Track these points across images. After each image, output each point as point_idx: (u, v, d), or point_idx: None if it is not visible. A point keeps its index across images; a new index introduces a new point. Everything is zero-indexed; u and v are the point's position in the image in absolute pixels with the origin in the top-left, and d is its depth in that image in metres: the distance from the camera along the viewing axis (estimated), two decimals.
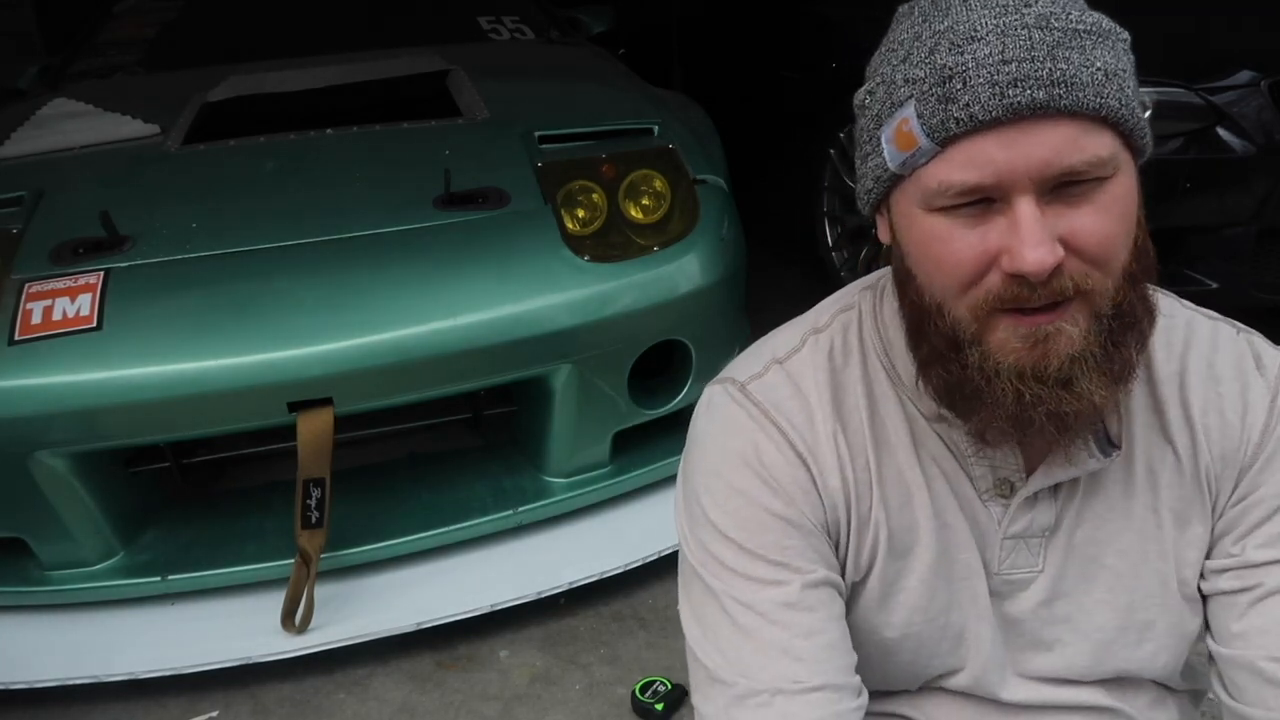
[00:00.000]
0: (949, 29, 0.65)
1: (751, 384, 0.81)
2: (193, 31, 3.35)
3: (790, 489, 0.77)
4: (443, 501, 2.00)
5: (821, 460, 0.78)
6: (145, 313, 1.78)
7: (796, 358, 0.81)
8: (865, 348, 0.80)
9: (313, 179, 2.12)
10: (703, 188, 2.11)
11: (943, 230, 0.66)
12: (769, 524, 0.77)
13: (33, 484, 1.75)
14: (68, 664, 1.79)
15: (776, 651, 0.74)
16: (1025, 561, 0.79)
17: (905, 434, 0.78)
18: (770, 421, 0.78)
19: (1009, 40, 0.62)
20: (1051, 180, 0.63)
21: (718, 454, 0.79)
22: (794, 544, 0.76)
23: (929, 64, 0.65)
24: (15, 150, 2.34)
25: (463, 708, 1.78)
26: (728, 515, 0.77)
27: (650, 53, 4.66)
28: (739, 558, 0.76)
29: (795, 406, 0.79)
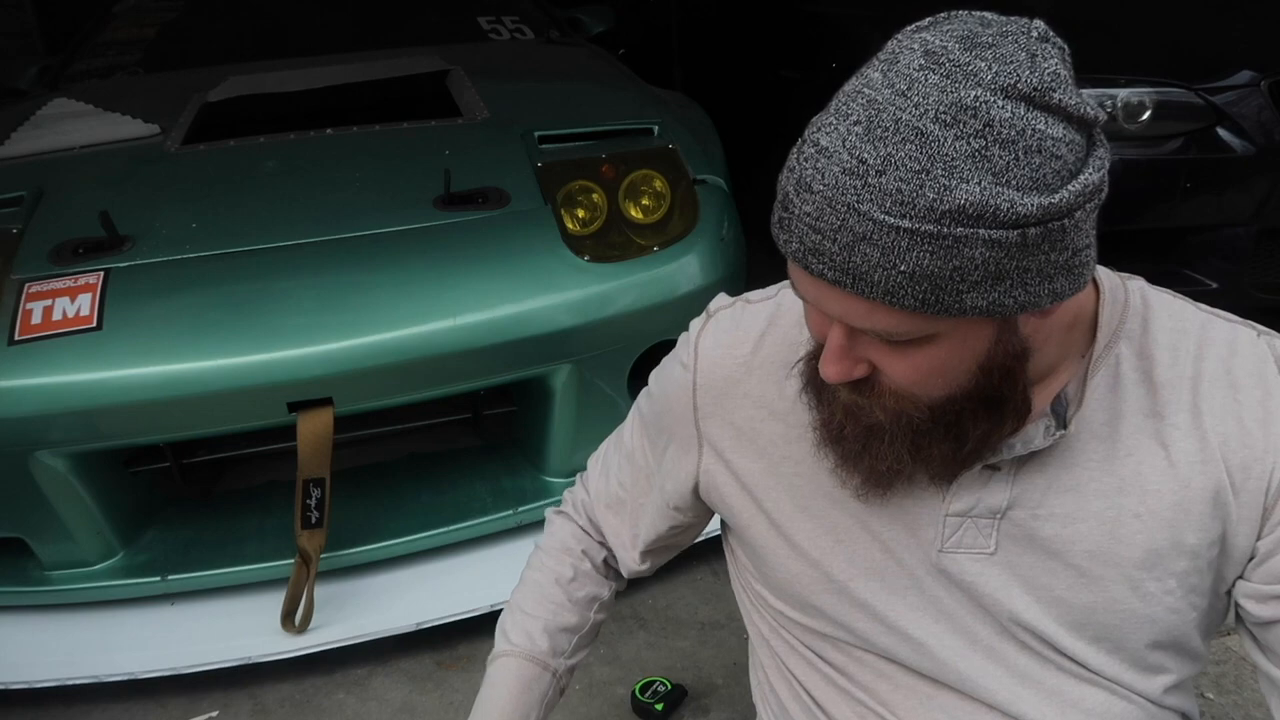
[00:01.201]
0: (813, 154, 0.64)
1: (715, 315, 0.96)
2: (193, 31, 3.35)
3: (680, 418, 0.94)
4: (443, 501, 2.00)
5: (713, 402, 0.91)
6: (145, 313, 1.78)
7: (764, 304, 0.93)
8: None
9: (312, 179, 2.12)
10: (703, 188, 2.11)
11: (811, 313, 0.74)
12: (645, 426, 1.04)
13: (33, 484, 1.75)
14: (68, 664, 1.79)
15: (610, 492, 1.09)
16: (974, 541, 0.79)
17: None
18: (695, 355, 0.93)
19: (828, 211, 0.62)
20: (867, 328, 0.67)
21: (671, 355, 0.99)
22: (653, 444, 1.02)
23: (783, 180, 0.67)
24: (15, 150, 2.34)
25: (463, 708, 1.77)
26: (644, 396, 1.05)
27: (650, 53, 4.66)
28: (632, 423, 1.07)
29: (728, 346, 0.91)
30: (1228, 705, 1.67)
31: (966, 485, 0.78)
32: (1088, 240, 0.65)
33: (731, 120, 3.11)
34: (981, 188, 0.59)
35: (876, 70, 0.65)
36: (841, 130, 0.63)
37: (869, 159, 0.61)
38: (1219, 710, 1.66)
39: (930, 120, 0.60)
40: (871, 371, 0.70)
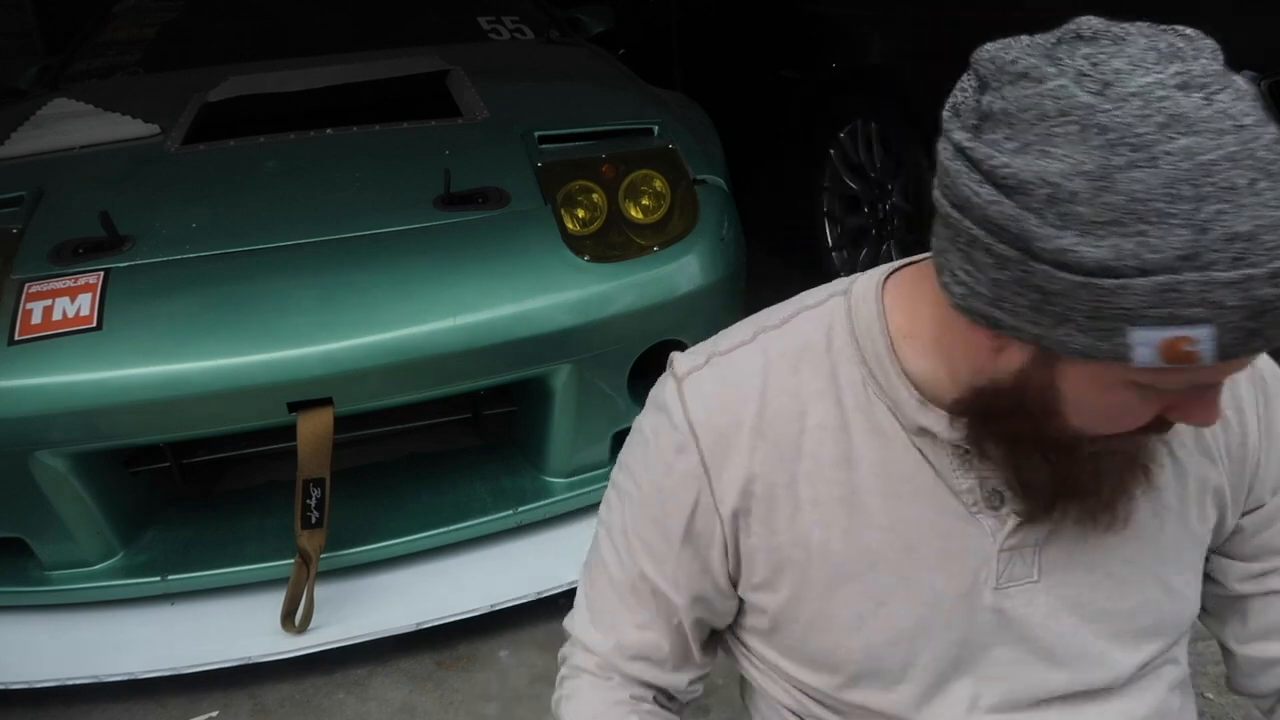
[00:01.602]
0: (1257, 240, 0.53)
1: (688, 378, 0.79)
2: (193, 31, 3.35)
3: (680, 500, 0.78)
4: (443, 501, 2.00)
5: (730, 473, 0.76)
6: (145, 313, 1.78)
7: (740, 352, 0.78)
8: (837, 356, 0.75)
9: (312, 179, 2.12)
10: (703, 188, 2.11)
11: (1134, 402, 0.62)
12: (643, 519, 0.82)
13: (33, 484, 1.75)
14: (68, 664, 1.79)
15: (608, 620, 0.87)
16: (1021, 573, 0.76)
17: (876, 449, 0.74)
18: (686, 423, 0.77)
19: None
20: None
21: (639, 429, 0.83)
22: (659, 548, 0.82)
23: (1242, 292, 0.53)
24: (15, 150, 2.34)
25: (463, 708, 1.78)
26: (619, 488, 0.85)
27: (650, 53, 4.66)
28: (619, 535, 0.85)
29: (718, 406, 0.77)
30: (1228, 705, 1.67)
31: (1016, 520, 0.75)
32: None
33: (731, 120, 3.11)
34: None
35: (1218, 133, 0.54)
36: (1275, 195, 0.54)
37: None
38: (1219, 710, 1.66)
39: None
40: None
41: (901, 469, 0.74)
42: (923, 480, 0.74)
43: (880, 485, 0.74)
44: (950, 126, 0.61)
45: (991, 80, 0.59)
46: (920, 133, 2.85)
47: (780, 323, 0.79)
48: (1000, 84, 0.59)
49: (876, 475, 0.74)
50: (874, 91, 3.14)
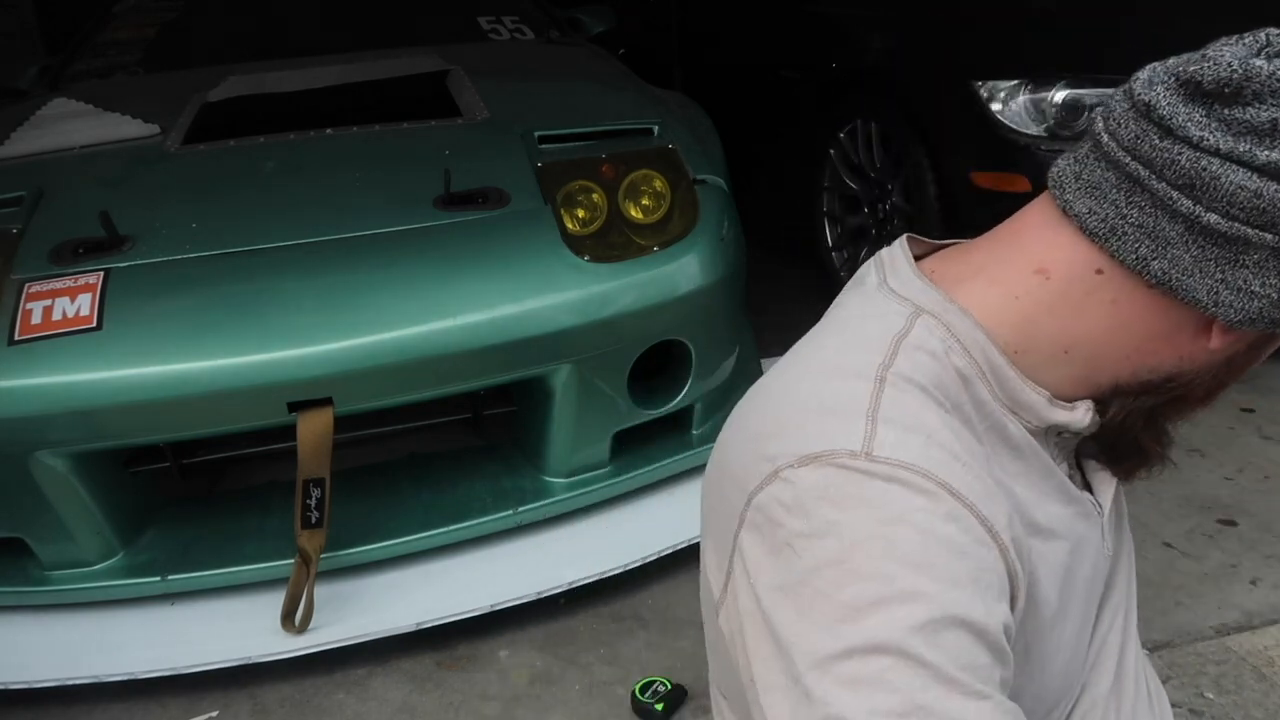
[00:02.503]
0: None
1: (876, 448, 0.59)
2: (193, 31, 3.35)
3: (989, 579, 0.58)
4: (443, 501, 2.00)
5: (998, 518, 0.61)
6: (145, 313, 1.78)
7: (888, 399, 0.63)
8: (964, 376, 0.67)
9: (312, 179, 2.12)
10: (703, 188, 2.11)
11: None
12: (958, 637, 0.55)
13: (33, 484, 1.75)
14: (68, 664, 1.79)
15: None
16: (1109, 537, 0.78)
17: (1017, 460, 0.69)
18: (939, 484, 0.59)
19: None
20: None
21: (874, 546, 0.57)
22: (985, 663, 0.56)
23: None
24: (15, 150, 2.34)
25: (463, 708, 1.78)
26: (914, 631, 0.54)
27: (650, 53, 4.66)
28: (933, 686, 0.53)
29: (947, 458, 0.61)
30: (1228, 705, 1.67)
31: (1112, 489, 0.77)
32: None
33: (731, 120, 3.11)
34: None
35: None
36: None
37: None
38: (1219, 710, 1.66)
39: None
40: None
41: (1037, 473, 0.70)
42: (1051, 477, 0.71)
43: (1034, 495, 0.69)
44: (1231, 148, 0.58)
45: (1271, 96, 0.58)
46: (920, 133, 2.85)
47: (889, 356, 0.65)
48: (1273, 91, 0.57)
49: (1027, 487, 0.69)
50: (874, 91, 3.15)
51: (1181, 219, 0.60)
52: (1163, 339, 0.65)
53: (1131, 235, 0.62)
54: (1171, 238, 0.61)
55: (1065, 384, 0.68)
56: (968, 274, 0.70)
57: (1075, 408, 0.69)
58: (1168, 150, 0.59)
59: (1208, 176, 0.58)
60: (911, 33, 3.10)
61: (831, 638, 0.55)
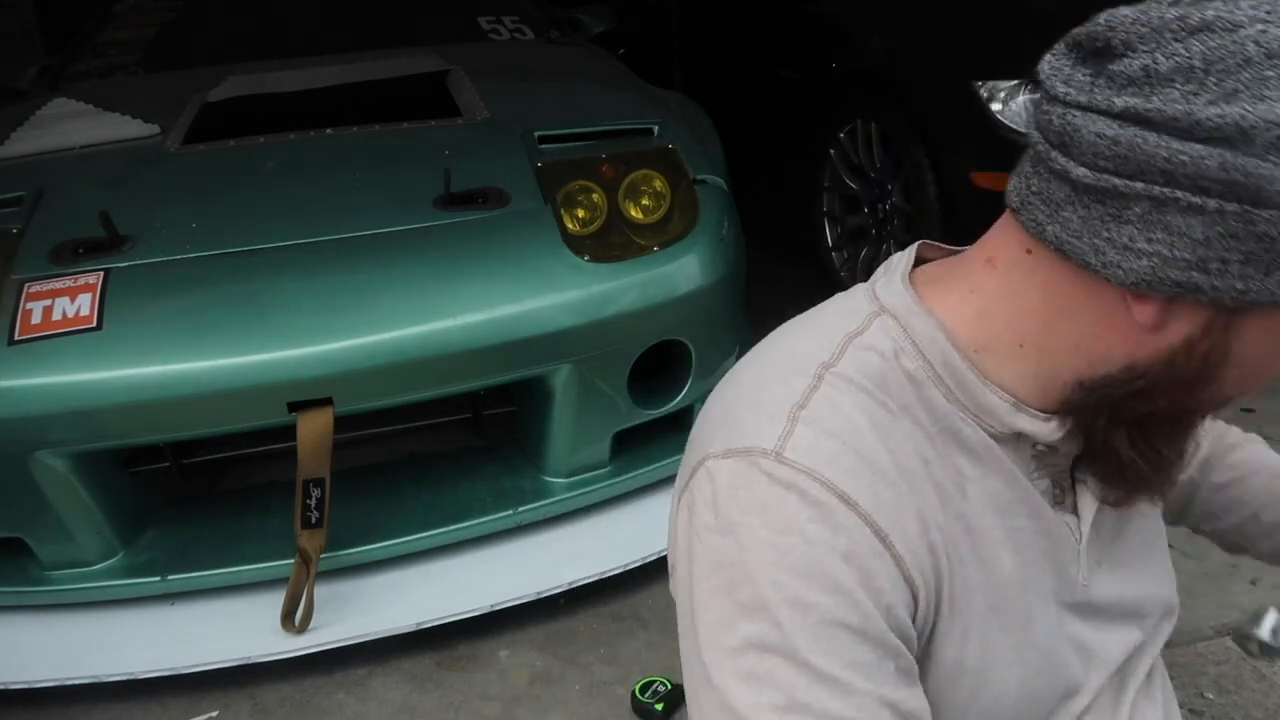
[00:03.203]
0: None
1: (787, 448, 0.63)
2: (193, 31, 3.35)
3: (877, 583, 0.62)
4: (443, 501, 2.00)
5: (903, 530, 0.63)
6: (145, 313, 1.78)
7: (820, 397, 0.65)
8: (914, 379, 0.67)
9: (312, 179, 2.12)
10: (703, 188, 2.11)
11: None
12: (845, 641, 0.61)
13: (33, 484, 1.75)
14: (68, 664, 1.79)
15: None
16: (1093, 561, 0.75)
17: (975, 467, 0.68)
18: (836, 495, 0.62)
19: None
20: None
21: (768, 554, 0.62)
22: (870, 660, 0.61)
23: None
24: (15, 150, 2.34)
25: (463, 708, 1.78)
26: (797, 632, 0.60)
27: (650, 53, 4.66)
28: (813, 688, 0.60)
29: (855, 462, 0.63)
30: (1228, 705, 1.67)
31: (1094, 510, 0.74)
32: None
33: (731, 120, 3.11)
34: None
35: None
36: None
37: None
38: (1219, 710, 1.66)
39: None
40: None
41: (998, 480, 0.69)
42: (1017, 488, 0.69)
43: (988, 503, 0.68)
44: (1089, 99, 0.57)
45: (1139, 43, 0.56)
46: (920, 133, 2.86)
47: (834, 356, 0.67)
48: (1159, 43, 0.55)
49: (982, 494, 0.68)
50: (874, 91, 3.15)
51: (1062, 178, 0.59)
52: (1104, 322, 0.62)
53: (1033, 203, 0.62)
54: (1060, 199, 0.60)
55: (1030, 384, 0.66)
56: (944, 274, 0.70)
57: (1049, 420, 0.67)
58: (1046, 111, 0.59)
59: (1071, 129, 0.58)
60: (911, 33, 3.10)
61: (728, 632, 0.62)
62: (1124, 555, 0.78)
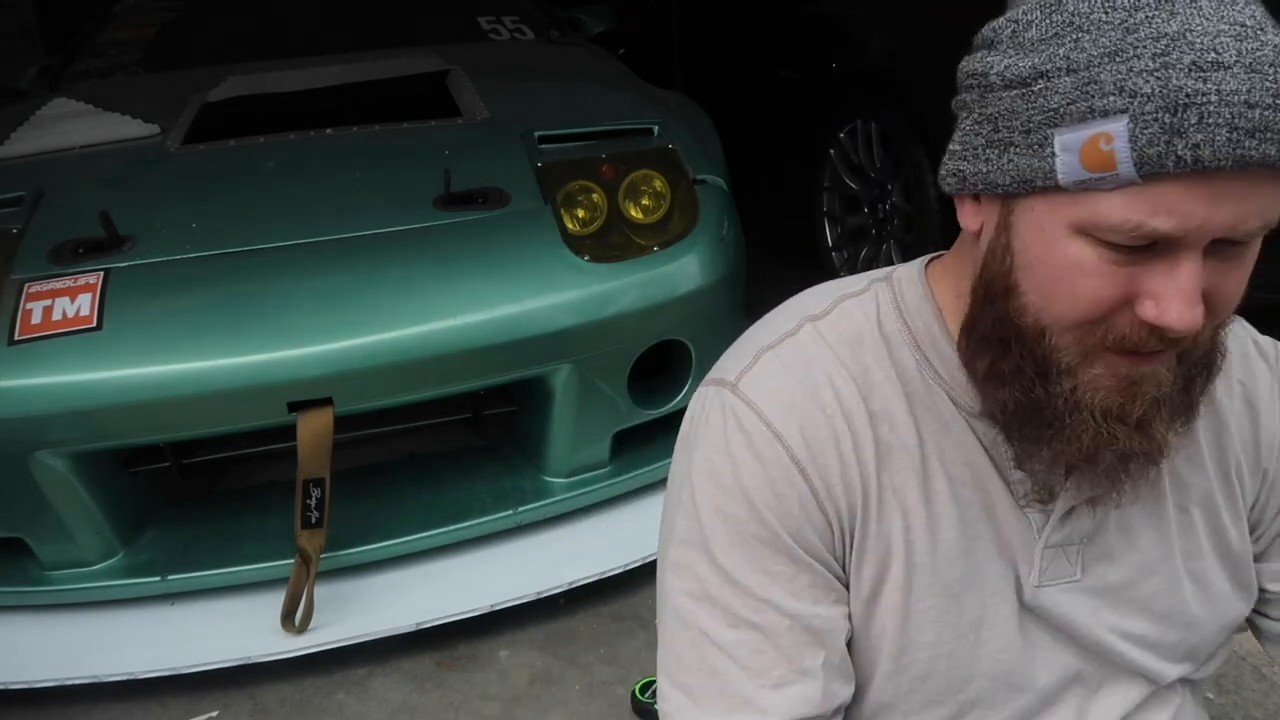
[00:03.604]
0: (1183, 38, 0.53)
1: (742, 381, 0.72)
2: (193, 31, 3.35)
3: (786, 506, 0.70)
4: (443, 501, 2.00)
5: (824, 468, 0.70)
6: (145, 313, 1.78)
7: (790, 342, 0.73)
8: (890, 343, 0.72)
9: (312, 179, 2.12)
10: (702, 188, 2.11)
11: (1089, 262, 0.58)
12: (756, 551, 0.70)
13: (33, 484, 1.75)
14: (68, 664, 1.79)
15: (738, 701, 0.70)
16: (1064, 571, 0.73)
17: (937, 434, 0.72)
18: (763, 424, 0.70)
19: (1257, 78, 0.52)
20: (1226, 239, 0.57)
21: (705, 465, 0.72)
22: (782, 570, 0.70)
23: (1160, 79, 0.53)
24: (15, 150, 2.34)
25: (463, 708, 1.78)
26: (715, 535, 0.71)
27: (650, 53, 4.66)
28: (721, 585, 0.71)
29: (792, 400, 0.71)
30: (1228, 705, 1.67)
31: (1063, 515, 0.73)
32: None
33: (731, 120, 3.11)
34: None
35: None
36: (1212, 7, 0.54)
37: (1260, 16, 0.55)
38: (1219, 710, 1.66)
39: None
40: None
41: (960, 454, 0.72)
42: (980, 466, 0.72)
43: (943, 470, 0.72)
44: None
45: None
46: (920, 133, 2.85)
47: (823, 311, 0.75)
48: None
49: (939, 460, 0.72)
50: (874, 91, 3.15)
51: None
52: (966, 250, 0.70)
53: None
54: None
55: None
56: (954, 261, 0.74)
57: None
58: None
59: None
60: (911, 33, 3.10)
61: (670, 528, 0.75)
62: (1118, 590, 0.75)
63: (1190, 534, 0.76)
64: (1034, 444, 0.66)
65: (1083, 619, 0.75)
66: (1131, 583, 0.75)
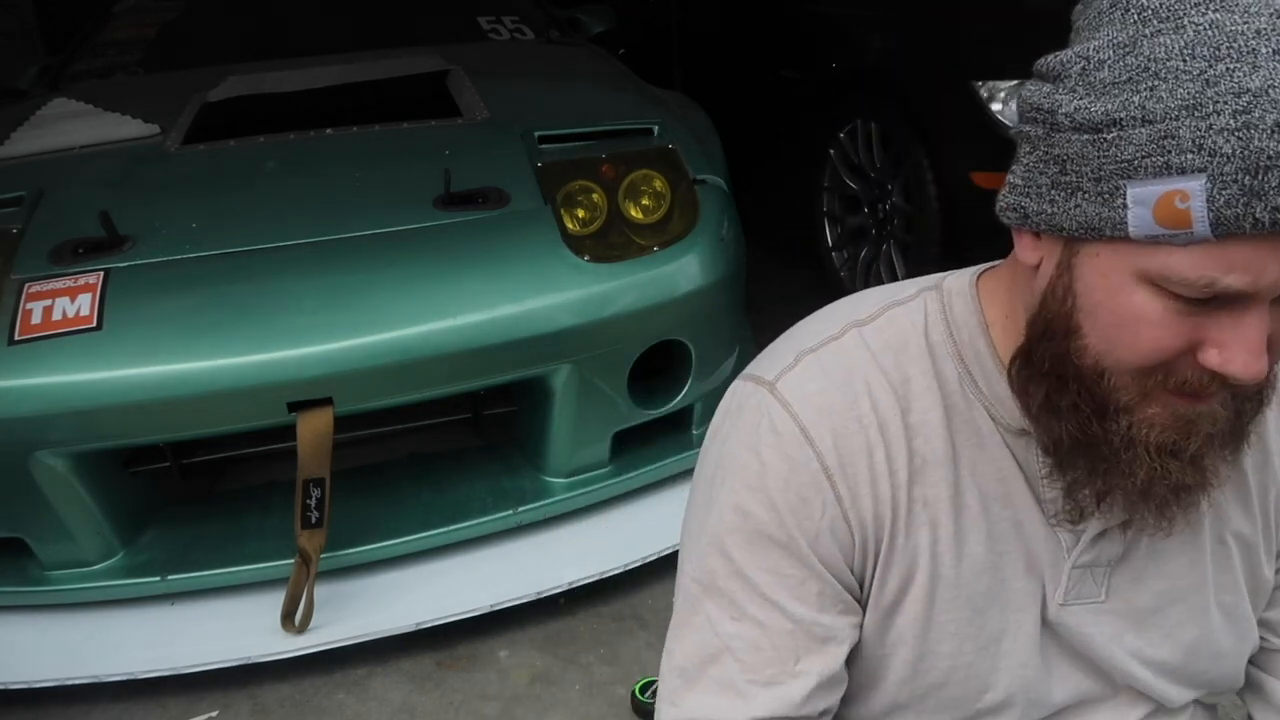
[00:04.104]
0: (1265, 94, 0.51)
1: (780, 381, 0.72)
2: (193, 31, 3.35)
3: (809, 511, 0.70)
4: (443, 501, 2.00)
5: (853, 477, 0.70)
6: (145, 313, 1.78)
7: (833, 346, 0.73)
8: (935, 353, 0.72)
9: (313, 179, 2.12)
10: (702, 188, 2.11)
11: (1154, 313, 0.57)
12: (770, 551, 0.71)
13: (33, 484, 1.75)
14: (68, 664, 1.79)
15: (727, 688, 0.72)
16: (1089, 591, 0.73)
17: (972, 449, 0.71)
18: (797, 428, 0.70)
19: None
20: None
21: (733, 461, 0.73)
22: (793, 574, 0.71)
23: (1242, 140, 0.51)
24: (15, 150, 2.34)
25: (463, 708, 1.78)
26: (732, 531, 0.72)
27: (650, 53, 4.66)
28: (730, 579, 0.72)
29: (829, 406, 0.70)
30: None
31: (1092, 534, 0.72)
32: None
33: (731, 120, 3.11)
34: None
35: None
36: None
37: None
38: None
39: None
40: None
41: (994, 469, 0.72)
42: (1013, 483, 0.72)
43: (976, 485, 0.72)
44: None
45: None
46: (920, 133, 2.85)
47: (869, 317, 0.74)
48: (1076, 18, 0.62)
49: (972, 475, 0.72)
50: (874, 91, 3.14)
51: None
52: (1023, 280, 0.68)
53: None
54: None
55: None
56: (1006, 275, 0.73)
57: None
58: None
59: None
60: (911, 33, 3.10)
61: (692, 515, 0.77)
62: (1144, 616, 0.75)
63: (1227, 566, 0.75)
64: (1088, 476, 0.65)
65: (1103, 641, 0.74)
66: (1158, 609, 0.75)
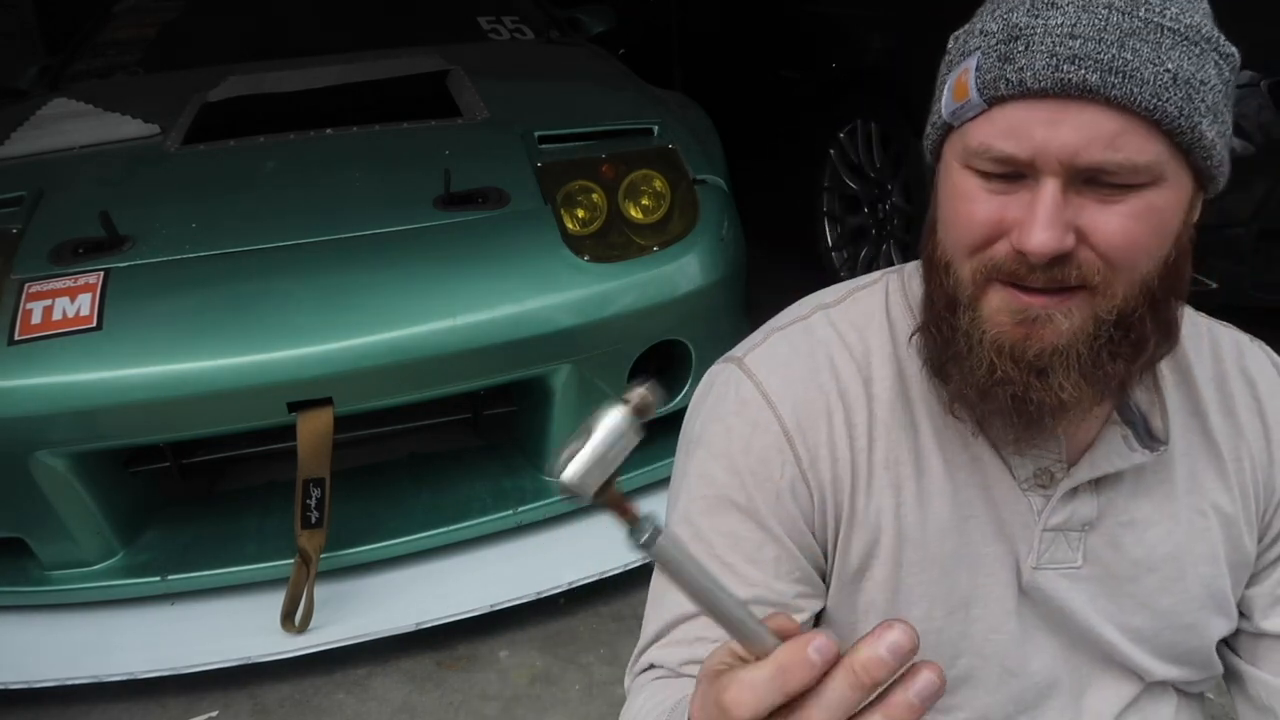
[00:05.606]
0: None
1: (748, 356, 0.79)
2: (193, 31, 3.35)
3: (769, 472, 0.75)
4: (443, 501, 2.00)
5: (813, 440, 0.75)
6: (145, 313, 1.78)
7: (801, 325, 0.79)
8: (895, 328, 0.77)
9: (313, 179, 2.12)
10: (702, 188, 2.11)
11: (970, 189, 0.66)
12: (729, 514, 0.75)
13: (33, 484, 1.75)
14: (68, 664, 1.79)
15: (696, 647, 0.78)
16: (1064, 555, 0.75)
17: (933, 418, 0.75)
18: (760, 394, 0.76)
19: (1085, 16, 0.61)
20: (1082, 171, 0.61)
21: (700, 431, 0.79)
22: (750, 537, 0.75)
23: (1003, 20, 0.64)
24: (15, 150, 2.34)
25: (463, 708, 1.78)
26: (693, 493, 0.77)
27: (650, 53, 4.66)
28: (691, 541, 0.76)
29: (791, 375, 0.76)
30: (1228, 705, 1.67)
31: (1064, 499, 0.74)
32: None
33: (731, 120, 3.11)
34: (1205, 17, 0.64)
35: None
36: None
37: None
38: (1218, 710, 1.66)
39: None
40: (1076, 246, 0.63)
41: (957, 435, 0.74)
42: (977, 448, 0.74)
43: (939, 450, 0.75)
44: None
45: None
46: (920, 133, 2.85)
47: (835, 300, 0.81)
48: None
49: (935, 440, 0.75)
50: (874, 91, 3.15)
51: None
52: None
53: None
54: None
55: None
56: None
57: None
58: None
59: None
60: (911, 33, 3.10)
61: (670, 490, 0.83)
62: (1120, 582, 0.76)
63: (1206, 538, 0.76)
64: (946, 376, 0.70)
65: (1079, 605, 0.76)
66: (1134, 577, 0.76)
